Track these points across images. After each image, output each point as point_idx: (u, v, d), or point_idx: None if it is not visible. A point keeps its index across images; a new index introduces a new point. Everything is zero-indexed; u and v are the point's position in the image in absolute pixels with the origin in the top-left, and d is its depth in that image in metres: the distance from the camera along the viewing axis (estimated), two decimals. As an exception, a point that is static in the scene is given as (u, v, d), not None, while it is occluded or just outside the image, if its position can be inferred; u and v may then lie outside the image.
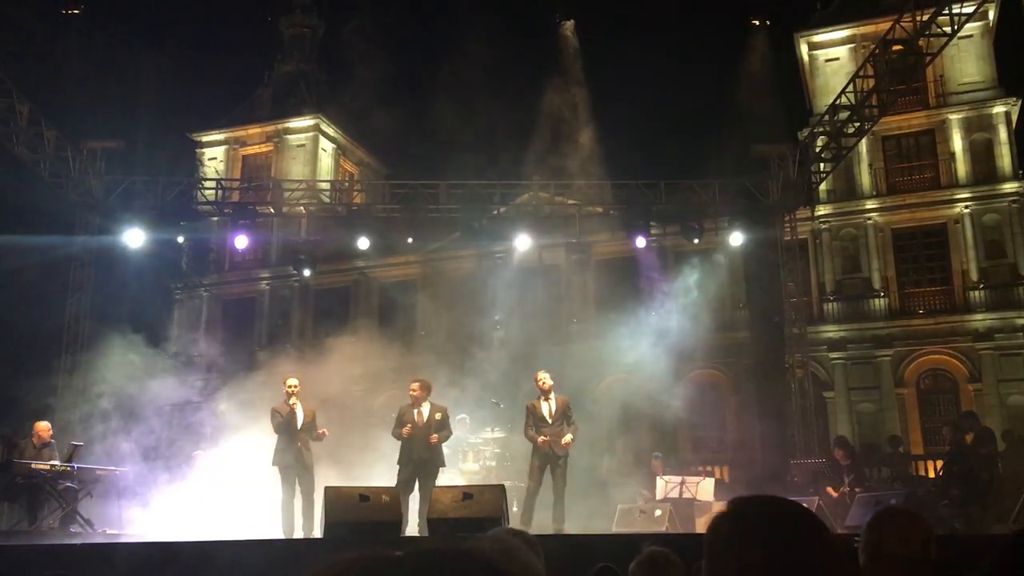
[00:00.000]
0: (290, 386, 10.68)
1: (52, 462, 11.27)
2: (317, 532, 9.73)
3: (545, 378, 10.70)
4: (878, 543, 2.51)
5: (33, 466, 10.97)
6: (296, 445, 10.43)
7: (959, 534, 9.11)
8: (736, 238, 18.13)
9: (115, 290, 19.46)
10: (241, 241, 17.94)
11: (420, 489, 10.12)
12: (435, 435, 10.36)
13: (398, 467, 10.41)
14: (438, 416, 10.57)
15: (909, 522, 2.57)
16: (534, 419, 10.54)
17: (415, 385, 10.63)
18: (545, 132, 23.31)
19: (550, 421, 10.46)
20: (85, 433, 14.75)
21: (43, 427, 11.78)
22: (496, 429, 14.20)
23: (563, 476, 10.44)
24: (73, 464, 11.41)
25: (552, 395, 10.65)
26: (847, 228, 27.21)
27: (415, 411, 10.50)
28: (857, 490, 11.84)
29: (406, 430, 10.28)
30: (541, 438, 10.32)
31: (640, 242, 18.15)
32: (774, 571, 1.33)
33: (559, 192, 20.35)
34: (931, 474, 17.52)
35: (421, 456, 10.27)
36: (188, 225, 18.24)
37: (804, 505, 1.51)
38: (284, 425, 10.48)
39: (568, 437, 10.40)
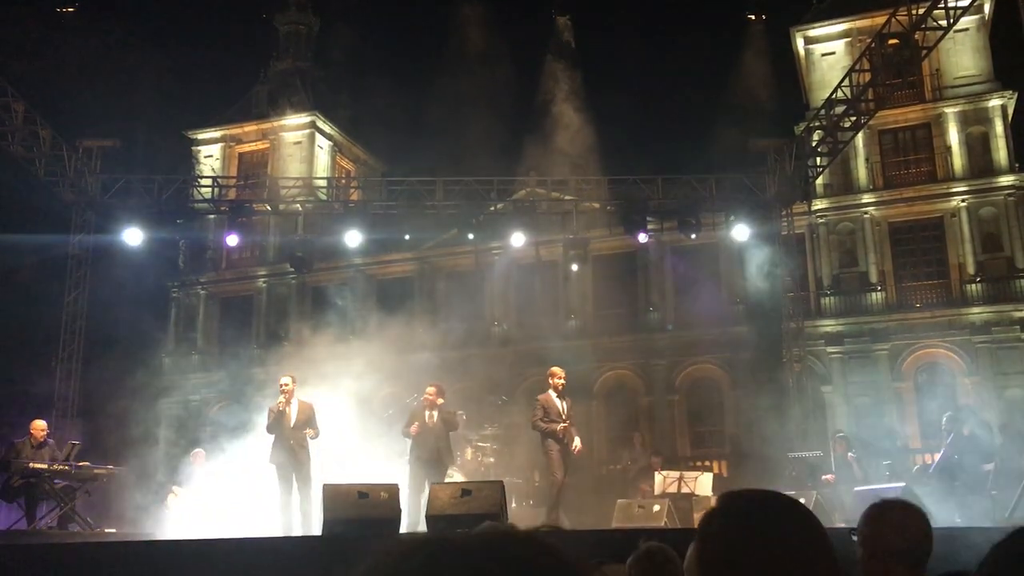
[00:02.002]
0: (282, 385, 10.72)
1: (50, 461, 11.25)
2: (316, 530, 9.73)
3: (563, 376, 10.67)
4: (876, 536, 2.51)
5: (31, 465, 10.95)
6: (288, 443, 10.47)
7: (957, 527, 9.12)
8: (734, 233, 18.12)
9: (112, 289, 19.44)
10: (232, 240, 17.93)
11: (430, 488, 10.16)
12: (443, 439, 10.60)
13: (408, 467, 10.56)
14: (446, 418, 10.76)
15: (907, 515, 2.57)
16: (547, 413, 10.45)
17: (431, 389, 10.84)
18: (542, 128, 23.30)
19: (565, 418, 10.46)
20: (83, 432, 14.74)
21: (40, 426, 11.75)
22: (495, 425, 14.20)
23: None
24: (71, 463, 11.39)
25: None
26: (844, 222, 27.20)
27: (427, 413, 10.66)
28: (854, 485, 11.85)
29: (414, 428, 10.50)
30: (562, 425, 10.30)
31: (638, 238, 18.15)
32: (765, 563, 1.33)
33: (556, 188, 20.34)
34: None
35: (430, 456, 10.45)
36: (185, 223, 18.20)
37: (794, 498, 1.51)
38: (275, 424, 10.55)
39: (578, 443, 10.46)
